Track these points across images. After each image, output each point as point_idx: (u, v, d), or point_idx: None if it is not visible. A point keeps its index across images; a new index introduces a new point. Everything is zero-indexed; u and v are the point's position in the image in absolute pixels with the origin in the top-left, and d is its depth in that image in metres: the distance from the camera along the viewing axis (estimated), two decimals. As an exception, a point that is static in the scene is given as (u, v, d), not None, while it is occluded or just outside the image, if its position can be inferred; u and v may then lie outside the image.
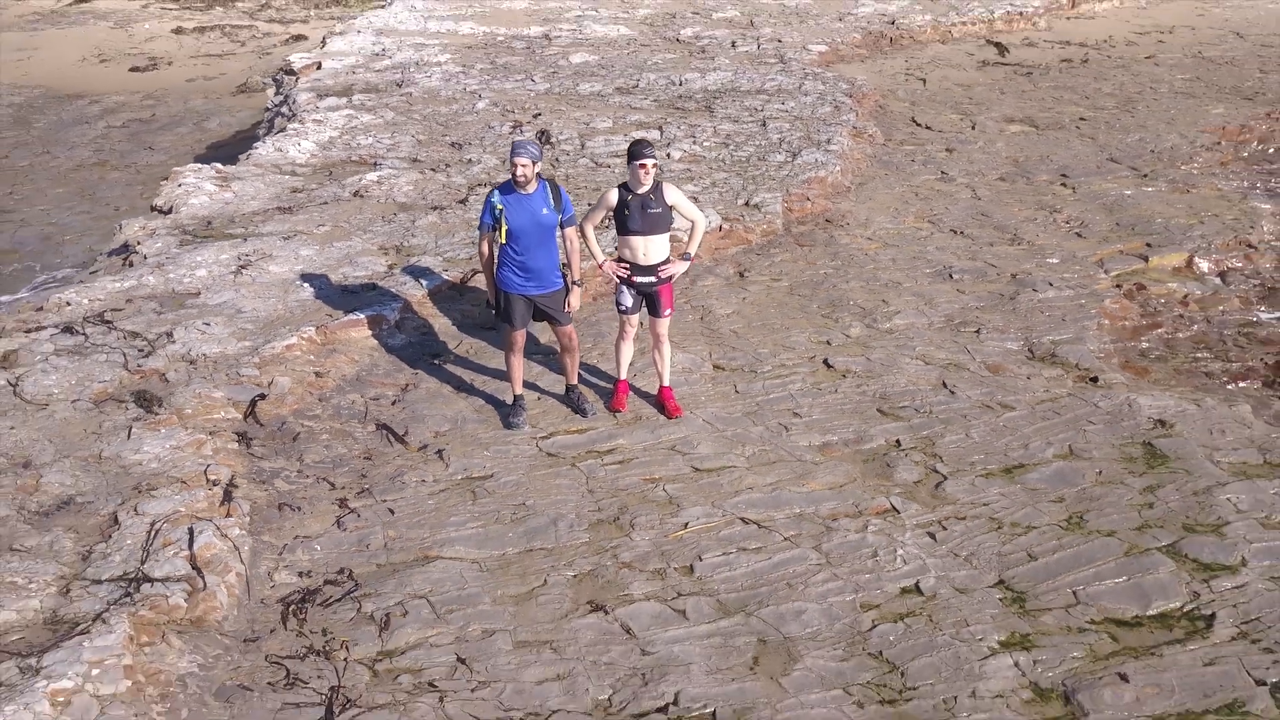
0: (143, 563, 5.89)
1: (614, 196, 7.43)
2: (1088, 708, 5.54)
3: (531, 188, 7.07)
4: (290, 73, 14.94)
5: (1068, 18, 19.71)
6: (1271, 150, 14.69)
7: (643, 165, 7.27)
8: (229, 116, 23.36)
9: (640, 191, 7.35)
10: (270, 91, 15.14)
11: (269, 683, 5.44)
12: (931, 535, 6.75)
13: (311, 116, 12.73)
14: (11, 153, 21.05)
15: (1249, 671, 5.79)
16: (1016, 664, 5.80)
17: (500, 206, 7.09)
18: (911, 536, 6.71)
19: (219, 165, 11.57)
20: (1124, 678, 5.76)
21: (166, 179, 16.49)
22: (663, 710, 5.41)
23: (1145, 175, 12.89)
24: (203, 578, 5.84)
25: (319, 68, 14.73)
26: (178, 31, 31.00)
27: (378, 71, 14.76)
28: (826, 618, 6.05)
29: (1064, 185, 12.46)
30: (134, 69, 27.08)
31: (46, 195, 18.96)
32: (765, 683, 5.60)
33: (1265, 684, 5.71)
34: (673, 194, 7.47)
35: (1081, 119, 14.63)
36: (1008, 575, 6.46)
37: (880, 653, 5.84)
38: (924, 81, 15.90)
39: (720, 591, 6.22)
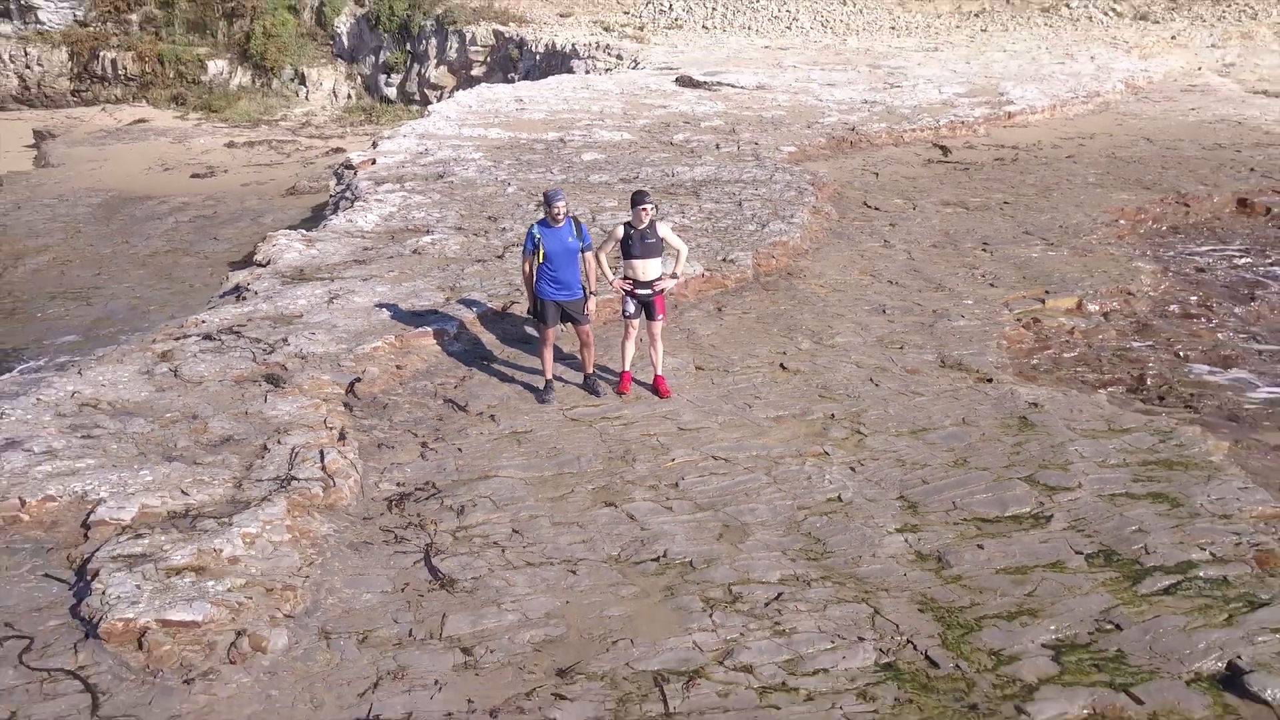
0: (289, 470, 8.13)
1: (620, 231, 9.87)
2: (952, 563, 7.72)
3: (561, 222, 9.51)
4: (349, 167, 17.55)
5: (1004, 126, 22.49)
6: (1163, 228, 17.23)
7: (643, 208, 9.71)
8: (281, 214, 26.04)
9: (640, 227, 9.77)
10: (333, 183, 17.74)
11: (383, 540, 7.66)
12: (852, 468, 8.98)
13: (373, 197, 15.29)
14: (96, 242, 23.63)
15: (1071, 547, 7.97)
16: (906, 540, 8.00)
17: (539, 236, 9.51)
18: (837, 469, 8.95)
19: (304, 230, 14.06)
20: (980, 546, 7.96)
21: (235, 262, 19.12)
22: (655, 560, 7.61)
23: (1052, 244, 15.37)
24: (332, 480, 8.08)
25: (374, 163, 17.36)
26: (230, 145, 33.98)
27: (423, 166, 17.39)
28: (772, 513, 8.26)
29: (984, 250, 14.93)
30: (194, 175, 29.93)
31: (130, 275, 21.46)
32: (727, 546, 7.79)
33: (1081, 553, 7.90)
34: (664, 229, 9.91)
35: (1005, 202, 17.19)
36: (906, 493, 8.67)
37: (809, 533, 8.04)
38: (876, 175, 18.52)
39: (697, 498, 8.43)
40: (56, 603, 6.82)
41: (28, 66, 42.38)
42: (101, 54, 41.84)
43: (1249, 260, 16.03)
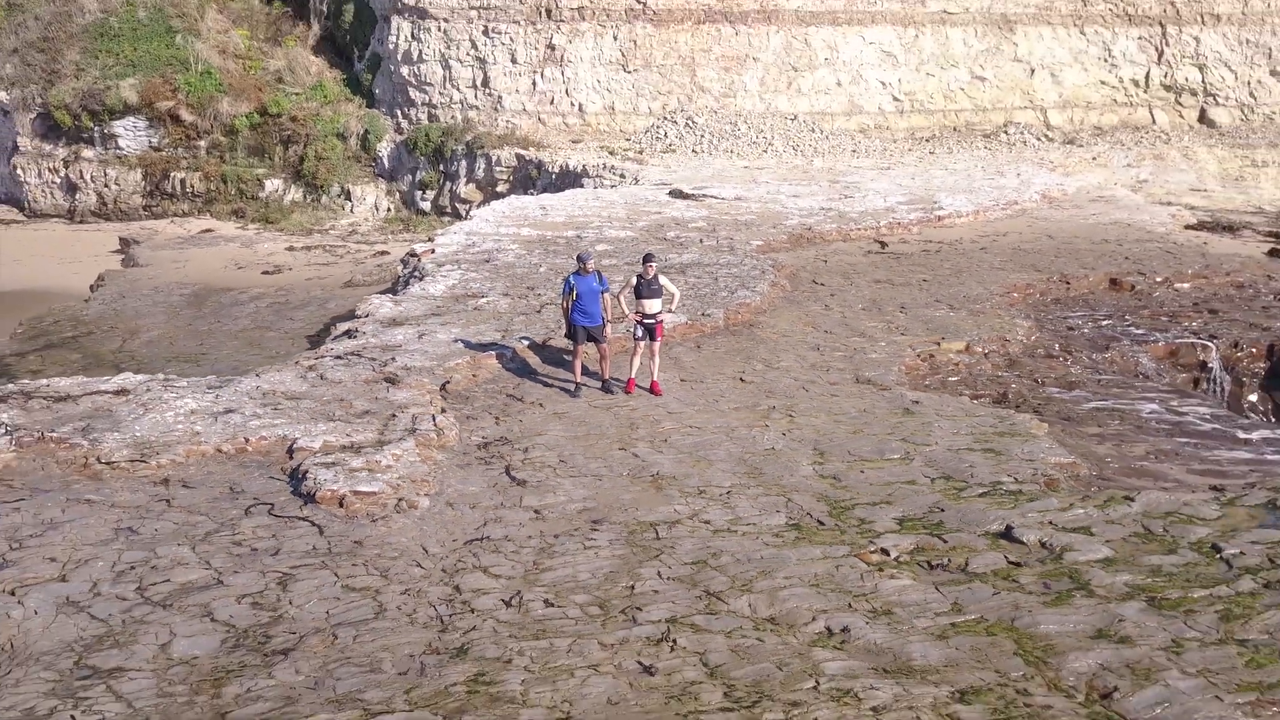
0: (413, 425, 12.05)
1: (634, 280, 13.99)
2: (842, 480, 11.56)
3: (590, 272, 13.61)
4: (414, 255, 21.78)
5: (935, 227, 26.79)
6: (1048, 299, 21.34)
7: (649, 265, 13.86)
8: (343, 301, 30.12)
9: (647, 278, 13.89)
10: (399, 266, 21.90)
11: (478, 463, 11.54)
12: (783, 434, 12.87)
13: (438, 274, 19.45)
14: (193, 322, 27.75)
15: (922, 474, 11.81)
16: (814, 469, 11.85)
17: (573, 282, 13.62)
18: (774, 433, 12.84)
19: (391, 295, 18.14)
20: (862, 472, 11.81)
21: (321, 329, 23.21)
22: (651, 476, 11.45)
23: (955, 308, 19.45)
24: (441, 431, 11.99)
25: (434, 251, 21.58)
26: (290, 249, 38.41)
27: (472, 254, 21.61)
28: (728, 455, 12.13)
29: (901, 312, 19.00)
30: (265, 272, 34.22)
31: (226, 346, 25.49)
32: (698, 470, 11.64)
33: (928, 477, 11.75)
34: (663, 279, 14.04)
35: (924, 280, 21.34)
36: (819, 446, 12.54)
37: (751, 465, 11.89)
38: (825, 261, 22.72)
39: (680, 447, 12.31)
40: (281, 490, 10.68)
41: (106, 185, 47.05)
42: (172, 174, 46.63)
43: (1111, 322, 20.09)
